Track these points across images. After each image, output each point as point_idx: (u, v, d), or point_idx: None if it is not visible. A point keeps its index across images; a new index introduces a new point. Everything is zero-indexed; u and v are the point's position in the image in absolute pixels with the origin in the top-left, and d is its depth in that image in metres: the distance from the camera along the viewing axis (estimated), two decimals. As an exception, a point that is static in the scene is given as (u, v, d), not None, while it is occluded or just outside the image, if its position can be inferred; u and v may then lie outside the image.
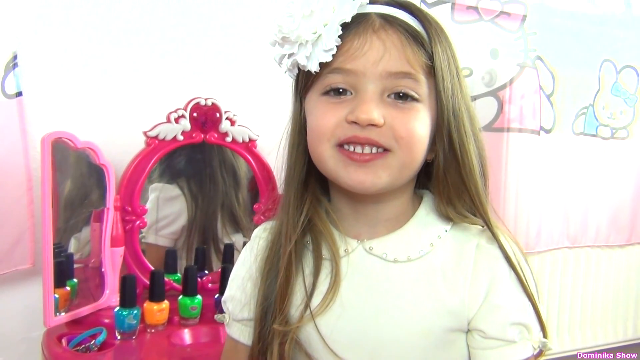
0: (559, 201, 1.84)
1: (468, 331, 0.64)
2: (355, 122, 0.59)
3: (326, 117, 0.61)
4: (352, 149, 0.60)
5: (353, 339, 0.63)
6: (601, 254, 1.97)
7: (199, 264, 1.31)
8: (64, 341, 1.03)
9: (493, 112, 1.71)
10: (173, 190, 1.32)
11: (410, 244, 0.65)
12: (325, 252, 0.66)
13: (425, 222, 0.67)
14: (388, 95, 0.60)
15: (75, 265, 1.17)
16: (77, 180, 1.16)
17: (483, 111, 1.68)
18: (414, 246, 0.64)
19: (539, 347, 0.63)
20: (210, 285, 1.27)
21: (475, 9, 1.65)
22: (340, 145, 0.60)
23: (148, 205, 1.28)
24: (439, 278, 0.63)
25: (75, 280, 1.16)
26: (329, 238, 0.66)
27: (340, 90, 0.61)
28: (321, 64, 0.60)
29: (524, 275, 0.63)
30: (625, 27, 1.89)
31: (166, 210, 1.31)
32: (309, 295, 0.64)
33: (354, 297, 0.64)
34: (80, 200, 1.17)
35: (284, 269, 0.65)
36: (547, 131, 1.79)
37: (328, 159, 0.61)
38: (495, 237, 0.64)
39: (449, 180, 0.64)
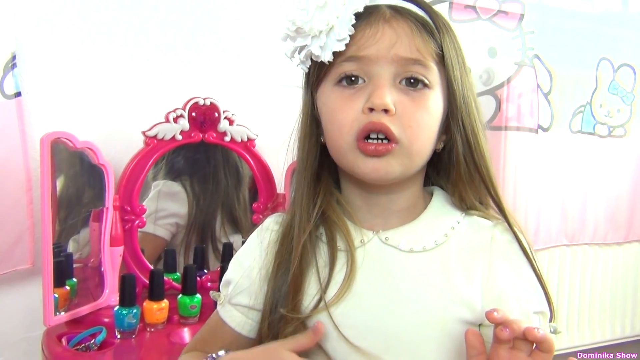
0: (557, 199, 1.85)
1: (481, 325, 0.64)
2: (370, 109, 0.61)
3: (344, 111, 0.63)
4: (367, 140, 0.62)
5: (368, 328, 0.64)
6: (599, 251, 1.98)
7: (198, 263, 1.31)
8: (64, 340, 1.03)
9: (491, 110, 1.72)
10: (175, 186, 1.33)
11: (425, 234, 0.66)
12: (340, 243, 0.67)
13: (439, 213, 0.69)
14: (400, 81, 0.62)
15: (75, 265, 1.18)
16: (76, 180, 1.17)
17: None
18: (429, 236, 0.66)
19: (550, 331, 0.66)
20: (209, 284, 1.27)
21: (473, 7, 1.66)
22: (359, 138, 0.62)
23: (149, 197, 1.28)
24: (454, 268, 0.64)
25: (74, 279, 1.16)
26: (344, 229, 0.67)
27: (353, 78, 0.63)
28: (334, 54, 0.62)
29: (537, 264, 0.65)
30: (622, 25, 1.90)
31: (166, 203, 1.32)
32: (325, 286, 0.65)
33: (369, 287, 0.65)
34: (80, 200, 1.17)
35: (298, 260, 0.65)
36: (545, 129, 1.80)
37: (348, 152, 0.63)
38: (511, 228, 0.66)
39: (461, 167, 0.67)
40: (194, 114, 1.24)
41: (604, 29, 1.87)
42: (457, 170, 0.67)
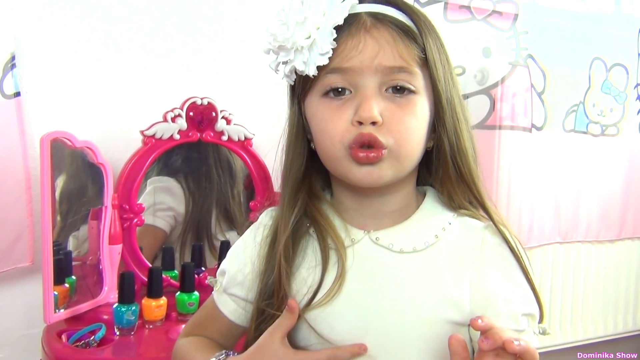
0: (550, 197, 1.86)
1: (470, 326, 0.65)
2: (359, 122, 0.61)
3: (333, 122, 0.63)
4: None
5: (357, 327, 0.64)
6: (591, 249, 2.00)
7: (195, 260, 1.33)
8: (63, 337, 1.05)
9: (485, 110, 1.73)
10: (171, 182, 1.34)
11: (416, 235, 0.67)
12: (331, 242, 0.68)
13: (430, 214, 0.69)
14: (386, 90, 0.62)
15: (74, 263, 1.19)
16: (75, 179, 1.18)
17: (475, 109, 1.71)
18: (420, 237, 0.66)
19: (539, 332, 0.66)
20: (207, 281, 1.28)
21: (468, 8, 1.67)
22: (351, 147, 0.62)
23: (145, 192, 1.29)
24: (444, 269, 0.65)
25: (73, 277, 1.17)
26: (331, 231, 0.68)
27: (339, 89, 0.63)
28: (318, 67, 0.62)
29: (526, 266, 0.66)
30: (615, 25, 1.92)
31: (164, 197, 1.33)
32: (318, 286, 0.65)
33: (359, 286, 0.65)
34: (79, 198, 1.19)
35: (277, 266, 0.67)
36: (539, 128, 1.81)
37: (341, 159, 0.64)
38: (497, 227, 0.67)
39: (448, 166, 0.67)
40: (191, 113, 1.25)
41: (597, 29, 1.88)
42: (444, 169, 0.68)
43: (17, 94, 1.18)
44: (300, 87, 0.67)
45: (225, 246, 1.35)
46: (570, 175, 1.89)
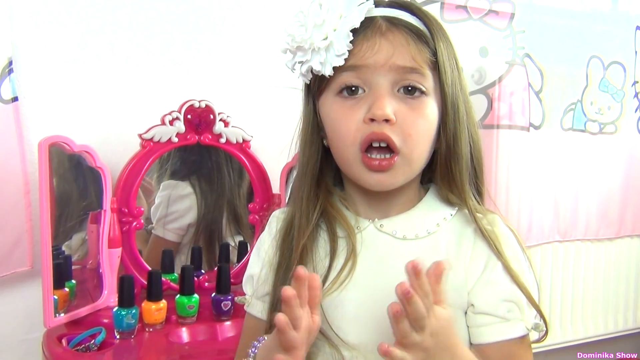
0: (549, 196, 1.87)
1: (466, 313, 0.68)
2: (372, 119, 0.64)
3: (346, 122, 0.66)
4: (371, 155, 0.65)
5: (361, 312, 0.67)
6: (591, 247, 2.00)
7: (195, 263, 1.33)
8: (64, 341, 1.05)
9: (483, 109, 1.73)
10: (185, 188, 1.35)
11: (419, 223, 0.71)
12: (339, 231, 0.71)
13: (433, 206, 0.73)
14: (398, 90, 0.65)
15: (73, 267, 1.19)
16: (73, 183, 1.18)
17: (473, 109, 1.71)
18: (422, 225, 0.70)
19: (532, 328, 0.67)
20: (206, 284, 1.28)
21: (464, 7, 1.68)
22: (363, 149, 0.65)
23: (157, 200, 1.31)
24: (443, 255, 0.68)
25: (73, 281, 1.17)
26: (342, 220, 0.71)
27: (353, 88, 0.66)
28: (334, 67, 0.65)
29: (505, 256, 0.68)
30: (612, 23, 1.92)
31: (176, 206, 1.34)
32: (326, 274, 0.68)
33: (365, 272, 0.68)
34: (77, 202, 1.19)
35: (298, 261, 0.69)
36: (536, 127, 1.81)
37: (353, 163, 0.67)
38: (477, 223, 0.69)
39: (441, 168, 0.71)
40: (189, 116, 1.25)
41: (594, 27, 1.88)
42: (439, 169, 0.71)
43: (15, 99, 1.17)
44: (316, 85, 0.69)
45: (225, 248, 1.35)
46: (569, 174, 1.89)
